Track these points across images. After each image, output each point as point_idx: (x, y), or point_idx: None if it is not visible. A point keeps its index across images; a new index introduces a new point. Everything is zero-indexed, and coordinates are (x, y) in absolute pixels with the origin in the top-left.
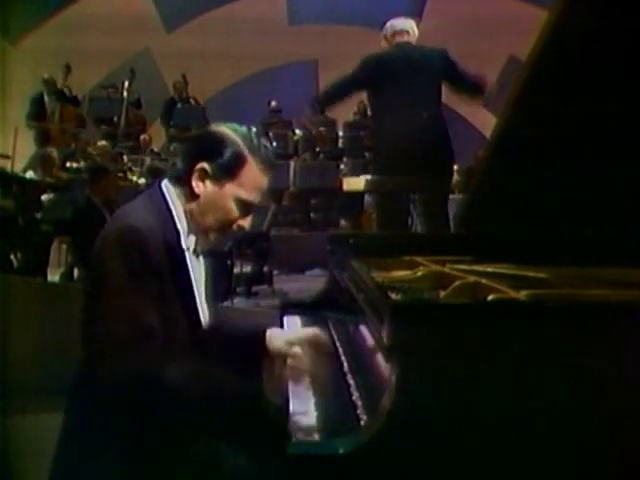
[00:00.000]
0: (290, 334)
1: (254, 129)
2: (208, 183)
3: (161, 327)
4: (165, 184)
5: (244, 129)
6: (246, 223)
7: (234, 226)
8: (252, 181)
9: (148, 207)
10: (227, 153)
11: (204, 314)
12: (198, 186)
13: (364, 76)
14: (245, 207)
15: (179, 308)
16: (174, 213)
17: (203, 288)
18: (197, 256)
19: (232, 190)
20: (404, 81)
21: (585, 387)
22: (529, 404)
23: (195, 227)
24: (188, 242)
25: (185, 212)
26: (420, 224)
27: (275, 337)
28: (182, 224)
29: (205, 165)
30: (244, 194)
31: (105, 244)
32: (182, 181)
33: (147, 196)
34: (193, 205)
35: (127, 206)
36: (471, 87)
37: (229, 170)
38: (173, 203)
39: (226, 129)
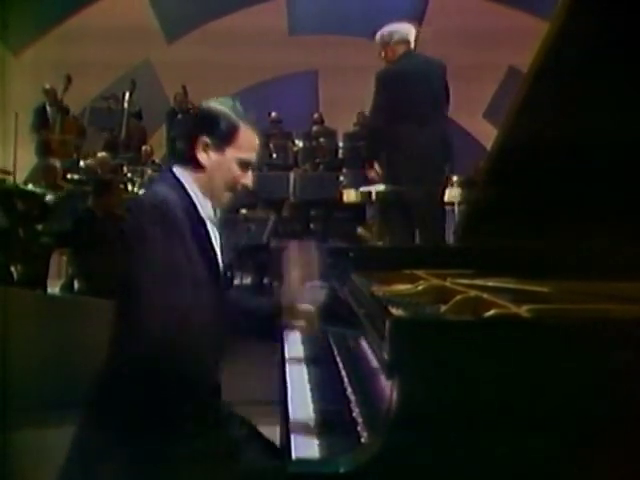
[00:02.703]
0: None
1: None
2: (211, 153)
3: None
4: (173, 168)
5: (229, 100)
6: (248, 180)
7: (239, 186)
8: (247, 141)
9: (165, 187)
10: (222, 124)
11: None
12: (203, 157)
13: (387, 92)
14: (245, 165)
15: (206, 273)
16: (187, 187)
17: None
18: (213, 223)
19: (233, 153)
20: (413, 91)
21: (587, 402)
22: (531, 419)
23: (208, 193)
24: (204, 208)
25: (195, 183)
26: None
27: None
28: (196, 195)
29: (206, 138)
30: (243, 154)
31: (143, 216)
32: (187, 157)
33: (159, 180)
34: (201, 175)
35: (146, 190)
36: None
37: (227, 137)
38: (184, 179)
39: (215, 104)
